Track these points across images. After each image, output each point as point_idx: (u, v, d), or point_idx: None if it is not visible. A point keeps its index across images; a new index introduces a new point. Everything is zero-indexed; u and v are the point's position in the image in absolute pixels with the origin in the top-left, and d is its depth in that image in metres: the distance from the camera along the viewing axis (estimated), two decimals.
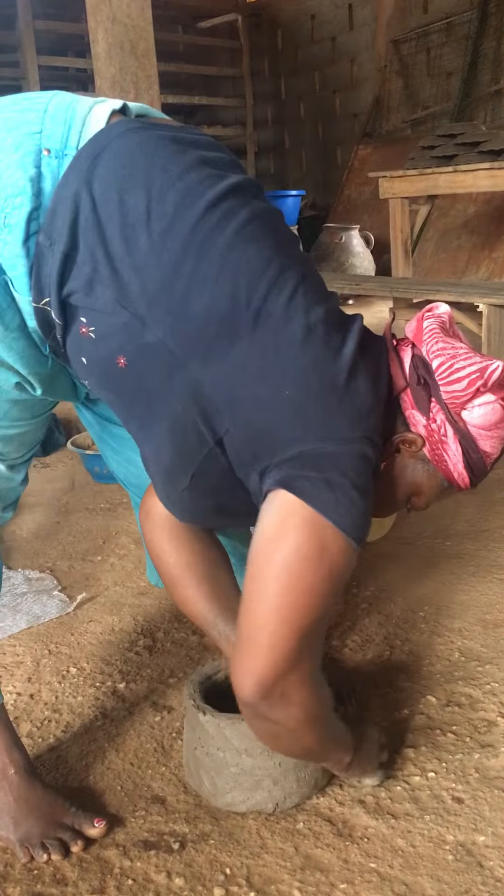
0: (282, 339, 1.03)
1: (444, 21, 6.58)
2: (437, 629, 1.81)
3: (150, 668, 1.73)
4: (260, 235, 1.06)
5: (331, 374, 1.03)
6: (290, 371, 1.02)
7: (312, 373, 1.03)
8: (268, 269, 1.04)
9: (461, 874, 1.17)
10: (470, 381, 1.09)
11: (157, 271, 1.02)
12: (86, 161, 1.03)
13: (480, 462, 1.15)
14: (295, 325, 1.03)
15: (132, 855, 1.25)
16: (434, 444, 1.15)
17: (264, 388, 1.03)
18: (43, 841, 1.25)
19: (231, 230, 1.04)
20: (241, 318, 1.02)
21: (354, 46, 7.41)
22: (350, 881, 1.18)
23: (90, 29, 3.77)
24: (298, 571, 1.02)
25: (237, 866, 1.21)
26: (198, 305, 1.02)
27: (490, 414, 1.11)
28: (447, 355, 1.12)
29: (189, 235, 1.02)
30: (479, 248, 5.70)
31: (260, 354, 1.03)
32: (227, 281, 1.02)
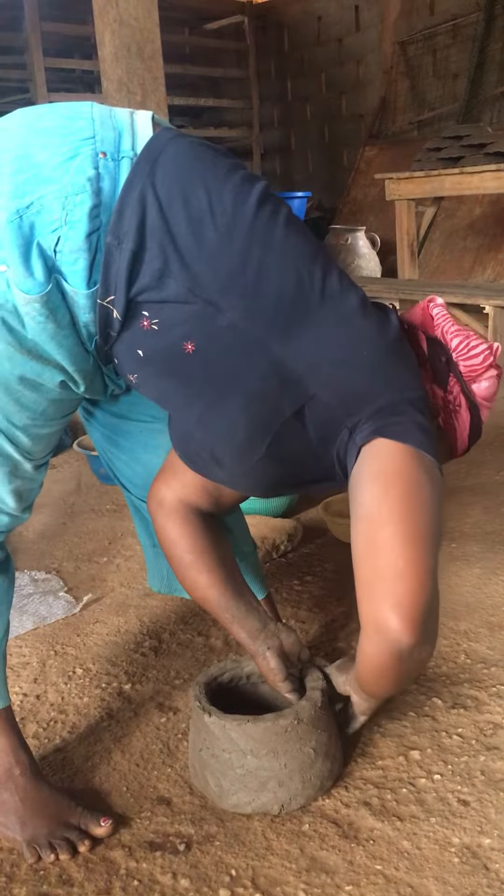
0: (347, 311, 1.17)
1: (451, 22, 6.57)
2: (443, 631, 1.80)
3: (155, 670, 1.73)
4: (302, 229, 1.19)
5: (392, 337, 1.20)
6: (364, 335, 1.17)
7: (380, 336, 1.18)
8: (318, 255, 1.17)
9: (467, 876, 1.17)
10: (484, 356, 1.29)
11: (227, 261, 1.11)
12: (146, 165, 1.11)
13: (478, 429, 1.33)
14: (353, 299, 1.18)
15: (138, 856, 1.25)
16: (448, 414, 1.30)
17: (344, 352, 1.16)
18: (50, 841, 1.26)
19: (282, 223, 1.15)
20: (310, 297, 1.14)
21: (361, 48, 7.41)
22: (355, 883, 1.18)
23: (97, 31, 3.78)
24: (417, 494, 1.10)
25: (243, 868, 1.22)
26: (269, 289, 1.12)
27: (492, 387, 1.31)
28: (463, 335, 1.30)
29: (250, 228, 1.12)
30: (485, 249, 5.69)
31: (334, 325, 1.16)
32: (291, 266, 1.13)
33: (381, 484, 1.11)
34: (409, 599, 1.04)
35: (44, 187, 1.06)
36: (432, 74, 6.85)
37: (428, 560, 1.07)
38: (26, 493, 1.29)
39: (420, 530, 1.07)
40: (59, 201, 1.06)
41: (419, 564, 1.05)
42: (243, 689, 1.46)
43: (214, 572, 1.35)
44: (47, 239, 1.06)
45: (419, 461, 1.12)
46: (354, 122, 7.58)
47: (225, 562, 1.37)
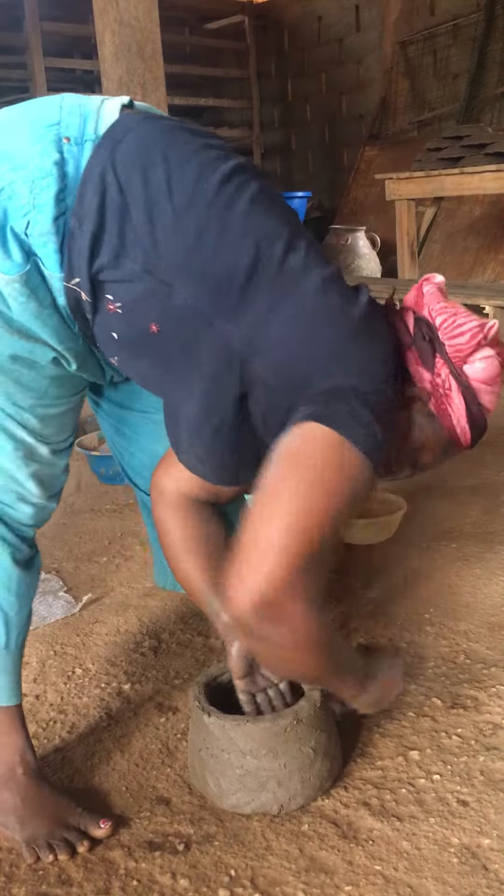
0: (305, 288, 1.11)
1: (451, 23, 6.57)
2: (443, 631, 1.80)
3: (155, 670, 1.73)
4: (271, 205, 1.16)
5: (352, 318, 1.13)
6: (316, 315, 1.11)
7: (339, 315, 1.12)
8: (282, 232, 1.13)
9: (466, 877, 1.17)
10: (472, 334, 1.17)
11: (181, 238, 1.09)
12: (109, 145, 1.11)
13: (480, 416, 1.21)
14: (314, 276, 1.12)
15: (137, 856, 1.25)
16: (439, 399, 1.21)
17: (293, 330, 1.11)
18: (49, 841, 1.26)
19: (246, 199, 1.12)
20: (264, 273, 1.10)
21: (361, 48, 7.41)
22: (355, 883, 1.18)
23: (97, 31, 3.78)
24: (321, 483, 1.05)
25: (242, 868, 1.21)
26: (222, 266, 1.10)
27: (490, 368, 1.19)
28: (449, 312, 1.20)
29: (209, 205, 1.10)
30: (485, 249, 5.69)
31: (285, 302, 1.11)
32: (249, 243, 1.10)
33: (291, 462, 1.07)
34: (253, 577, 1.03)
35: (13, 173, 1.08)
36: (433, 75, 6.85)
37: (296, 548, 1.02)
38: (48, 480, 1.30)
39: (305, 519, 1.03)
40: (27, 186, 1.07)
41: (282, 549, 1.02)
42: None
43: (200, 562, 1.33)
44: (19, 223, 1.08)
45: (340, 452, 1.05)
46: (355, 122, 7.58)
47: (214, 553, 1.33)
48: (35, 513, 1.30)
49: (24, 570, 1.30)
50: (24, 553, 1.31)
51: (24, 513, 1.30)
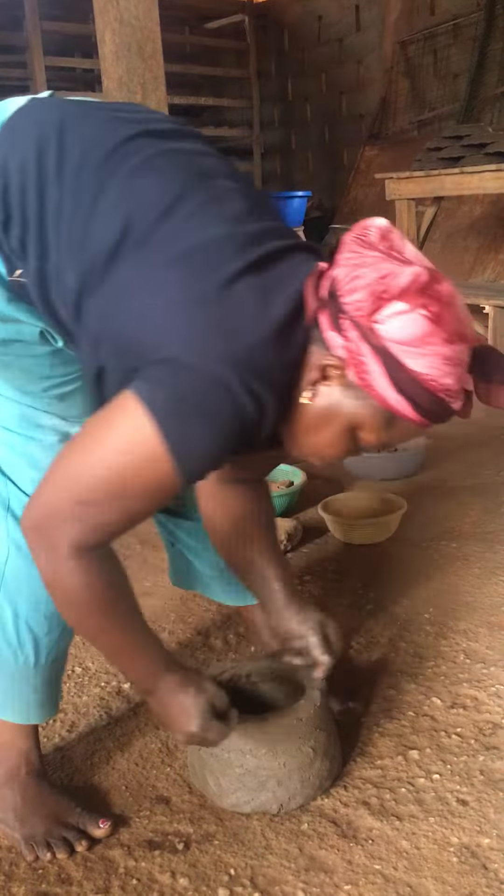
0: (158, 258, 1.01)
1: (451, 22, 6.57)
2: (443, 631, 1.81)
3: None
4: (168, 166, 1.07)
5: (202, 288, 0.99)
6: (159, 283, 1.00)
7: (182, 285, 0.99)
8: (164, 196, 1.04)
9: (465, 876, 1.17)
10: (370, 289, 0.97)
11: (65, 216, 1.05)
12: (8, 134, 1.10)
13: (415, 385, 0.99)
14: (178, 244, 1.01)
15: (137, 855, 1.25)
16: (356, 367, 1.01)
17: (134, 301, 1.02)
18: (47, 840, 1.26)
19: (131, 165, 1.06)
20: (128, 246, 1.02)
21: (361, 48, 7.41)
22: (354, 882, 1.18)
23: (97, 30, 3.78)
24: (103, 438, 1.01)
25: (241, 867, 1.21)
26: (93, 241, 1.04)
27: (410, 325, 0.96)
28: (351, 264, 1.00)
29: (94, 174, 1.05)
30: (485, 249, 5.69)
31: (135, 273, 1.02)
32: (119, 214, 1.03)
33: (96, 420, 1.04)
34: (35, 501, 1.05)
35: None
36: (433, 74, 6.84)
37: (68, 493, 1.02)
38: None
39: (80, 470, 1.02)
40: None
41: (59, 489, 1.03)
42: (243, 689, 1.46)
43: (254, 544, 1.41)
44: None
45: (135, 419, 0.98)
46: (355, 121, 7.58)
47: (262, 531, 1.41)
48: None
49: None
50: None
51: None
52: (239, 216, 1.07)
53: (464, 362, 1.01)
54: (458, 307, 0.99)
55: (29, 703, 1.30)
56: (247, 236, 1.04)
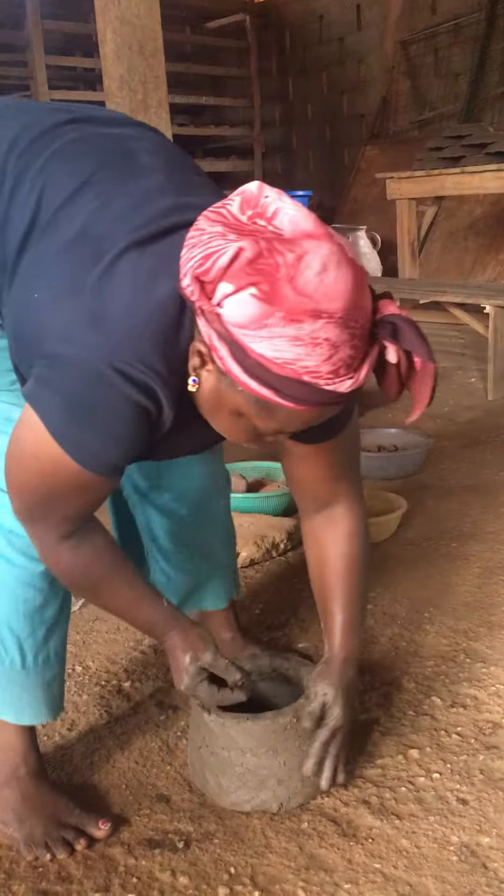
0: (51, 245, 1.01)
1: (453, 22, 6.57)
2: (443, 630, 1.81)
3: (155, 667, 1.73)
4: (85, 149, 1.08)
5: (82, 277, 0.96)
6: (44, 274, 1.01)
7: (65, 275, 0.99)
8: (73, 180, 1.04)
9: (465, 875, 1.17)
10: (193, 273, 0.90)
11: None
12: None
13: (264, 370, 0.90)
14: (67, 231, 1.01)
15: (137, 853, 1.25)
16: (214, 353, 0.93)
17: (28, 292, 1.02)
18: (46, 840, 1.26)
19: (54, 147, 1.07)
20: (34, 234, 1.03)
21: (362, 47, 7.41)
22: (354, 881, 1.18)
23: (98, 29, 3.78)
24: (19, 456, 1.07)
25: (242, 865, 1.22)
26: (9, 231, 1.05)
27: (241, 306, 0.88)
28: (189, 245, 0.92)
29: (16, 161, 1.07)
30: (485, 249, 5.69)
31: (32, 263, 1.03)
32: (32, 200, 1.04)
33: (16, 428, 1.06)
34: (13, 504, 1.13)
35: None
36: (434, 74, 6.84)
37: (15, 495, 1.11)
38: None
39: (11, 475, 1.10)
40: None
41: (10, 491, 1.12)
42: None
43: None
44: None
45: (31, 426, 1.01)
46: (355, 121, 7.58)
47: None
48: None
49: (37, 590, 1.25)
50: (36, 572, 1.24)
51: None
52: (148, 194, 1.03)
53: (332, 340, 0.88)
54: (307, 278, 0.87)
55: (21, 704, 1.29)
56: (146, 216, 1.00)
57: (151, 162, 1.10)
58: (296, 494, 1.35)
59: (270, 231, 0.89)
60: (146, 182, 1.05)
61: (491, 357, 3.70)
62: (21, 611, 1.25)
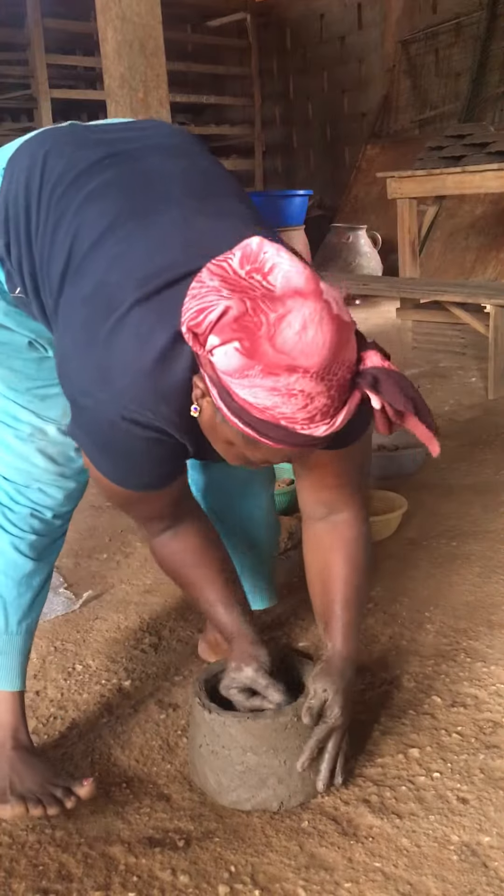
0: (76, 296, 1.12)
1: (453, 21, 6.57)
2: (443, 630, 1.81)
3: (155, 666, 1.73)
4: (113, 191, 1.16)
5: (94, 330, 1.08)
6: (71, 324, 1.13)
7: (81, 327, 1.11)
8: (98, 225, 1.13)
9: (466, 874, 1.17)
10: (188, 324, 0.97)
11: (38, 246, 1.17)
12: (10, 166, 1.23)
13: (246, 413, 0.97)
14: (90, 279, 1.11)
15: (137, 852, 1.25)
16: (208, 391, 1.02)
17: (60, 339, 1.16)
18: (38, 796, 1.29)
19: (88, 189, 1.15)
20: (68, 276, 1.14)
21: (363, 46, 7.40)
22: (355, 880, 1.18)
23: (99, 27, 3.78)
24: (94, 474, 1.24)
25: (242, 864, 1.22)
26: (52, 268, 1.16)
27: (226, 357, 0.95)
28: (190, 296, 0.99)
29: (59, 200, 1.16)
30: (486, 248, 5.69)
31: (64, 311, 1.14)
32: (68, 242, 1.14)
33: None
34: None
35: None
36: (434, 73, 6.84)
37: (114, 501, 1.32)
38: (61, 457, 1.38)
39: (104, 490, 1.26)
40: None
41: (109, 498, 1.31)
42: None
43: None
44: None
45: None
46: (356, 120, 7.58)
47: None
48: (54, 493, 1.38)
49: (28, 558, 1.37)
50: (28, 542, 1.37)
51: (48, 495, 1.38)
52: (163, 240, 1.11)
53: (307, 391, 0.95)
54: (286, 336, 0.93)
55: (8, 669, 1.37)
56: (157, 265, 1.08)
57: (176, 191, 1.19)
58: (302, 498, 1.36)
59: (263, 287, 0.96)
60: (165, 220, 1.14)
61: (491, 356, 3.70)
62: (11, 574, 1.36)
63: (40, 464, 1.36)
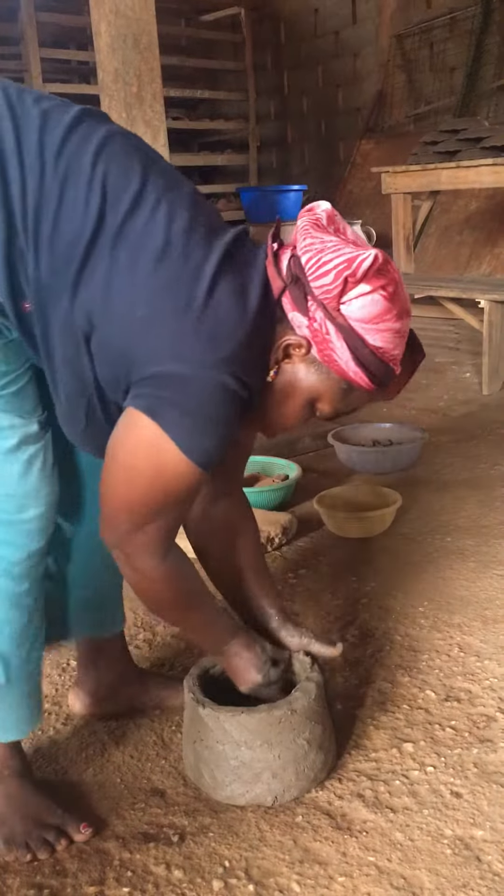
0: (139, 257, 1.04)
1: (448, 16, 6.55)
2: (437, 624, 1.81)
3: (149, 662, 1.73)
4: (121, 152, 1.09)
5: (186, 295, 1.04)
6: (144, 291, 1.04)
7: (167, 293, 1.04)
8: (130, 184, 1.06)
9: (459, 868, 1.18)
10: (337, 272, 1.05)
11: (30, 200, 1.03)
12: None
13: (373, 358, 1.09)
14: (154, 240, 1.05)
15: (131, 847, 1.25)
16: (320, 344, 1.11)
17: (120, 307, 1.05)
18: (27, 840, 1.25)
19: (92, 149, 1.06)
20: (105, 238, 1.04)
21: (357, 41, 7.39)
22: (348, 874, 1.18)
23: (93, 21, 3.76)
24: (136, 466, 1.10)
25: (236, 859, 1.22)
26: (67, 232, 1.04)
27: (370, 305, 1.06)
28: (314, 250, 1.08)
29: (54, 161, 1.04)
30: (481, 243, 5.69)
31: (118, 273, 1.04)
32: (93, 202, 1.04)
33: (118, 448, 1.11)
34: (106, 530, 1.16)
35: None
36: (429, 68, 6.83)
37: (126, 517, 1.13)
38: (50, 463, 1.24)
39: (128, 498, 1.12)
40: None
41: (116, 516, 1.14)
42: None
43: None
44: None
45: (153, 442, 1.06)
46: (351, 115, 7.56)
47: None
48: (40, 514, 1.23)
49: (20, 610, 1.26)
50: (16, 593, 1.24)
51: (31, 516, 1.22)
52: (193, 201, 1.11)
53: (406, 333, 1.13)
54: (403, 284, 1.10)
55: (5, 722, 1.28)
56: (205, 224, 1.09)
57: (168, 166, 1.16)
58: (217, 476, 1.31)
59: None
60: (183, 189, 1.13)
61: (486, 351, 3.70)
62: (6, 632, 1.25)
63: (33, 478, 1.20)
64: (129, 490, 1.11)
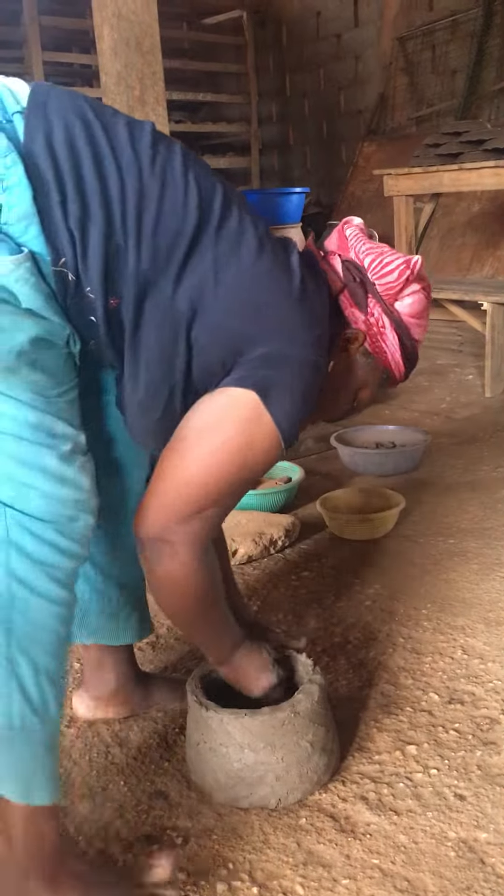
0: (242, 250, 1.14)
1: (450, 18, 6.55)
2: (440, 627, 1.81)
3: (153, 664, 1.73)
4: (197, 164, 1.18)
5: (287, 282, 1.16)
6: (253, 278, 1.14)
7: (271, 280, 1.15)
8: (216, 190, 1.15)
9: (463, 871, 1.18)
10: (400, 271, 1.24)
11: (131, 197, 1.08)
12: (39, 113, 1.05)
13: (413, 349, 1.30)
14: (249, 237, 1.15)
15: (135, 849, 1.25)
16: (373, 337, 1.28)
17: (231, 293, 1.13)
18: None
19: (179, 159, 1.14)
20: (207, 235, 1.12)
21: (359, 43, 7.39)
22: (352, 877, 1.18)
23: (95, 25, 3.77)
24: (230, 441, 1.14)
25: (240, 861, 1.22)
26: (169, 226, 1.10)
27: (417, 303, 1.28)
28: (376, 252, 1.26)
29: (151, 163, 1.11)
30: (483, 246, 5.69)
31: (224, 264, 1.13)
32: (192, 204, 1.11)
33: (212, 421, 1.15)
34: (154, 513, 1.16)
35: None
36: (431, 70, 6.83)
37: (194, 499, 1.14)
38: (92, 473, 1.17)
39: (206, 475, 1.14)
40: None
41: (181, 497, 1.14)
42: None
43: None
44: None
45: (258, 423, 1.13)
46: (353, 117, 7.57)
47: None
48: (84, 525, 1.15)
49: (64, 623, 1.14)
50: (66, 603, 1.13)
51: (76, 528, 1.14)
52: (254, 211, 1.23)
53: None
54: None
55: (50, 774, 1.13)
56: (266, 226, 1.21)
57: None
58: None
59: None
60: (245, 201, 1.24)
61: (488, 354, 3.70)
62: (50, 650, 1.10)
63: (85, 486, 1.13)
64: (205, 467, 1.14)
